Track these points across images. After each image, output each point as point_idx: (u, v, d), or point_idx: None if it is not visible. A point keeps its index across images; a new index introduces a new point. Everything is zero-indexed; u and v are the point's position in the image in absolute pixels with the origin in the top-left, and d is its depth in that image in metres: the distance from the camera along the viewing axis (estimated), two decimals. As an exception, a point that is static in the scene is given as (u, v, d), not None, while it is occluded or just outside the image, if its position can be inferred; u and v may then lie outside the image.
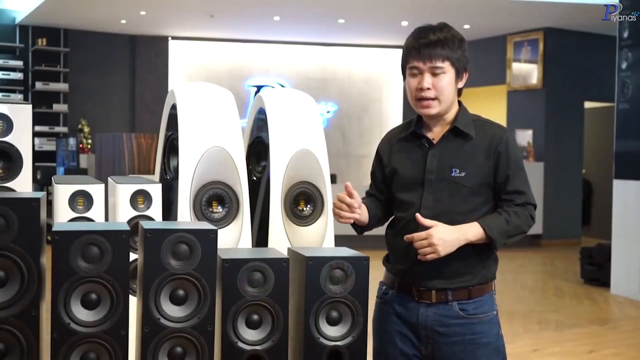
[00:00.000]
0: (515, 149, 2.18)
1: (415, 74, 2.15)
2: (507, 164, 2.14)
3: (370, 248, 2.26)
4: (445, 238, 2.04)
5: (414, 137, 2.23)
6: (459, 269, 2.13)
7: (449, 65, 2.13)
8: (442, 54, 2.12)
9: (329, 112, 12.89)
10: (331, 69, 12.91)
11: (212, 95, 2.62)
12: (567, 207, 10.57)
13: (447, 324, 2.13)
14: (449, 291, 2.13)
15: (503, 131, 2.19)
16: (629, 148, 7.16)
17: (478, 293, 2.15)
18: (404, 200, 2.19)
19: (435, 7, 9.49)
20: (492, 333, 2.17)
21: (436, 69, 2.12)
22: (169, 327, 1.88)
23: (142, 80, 12.13)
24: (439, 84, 2.13)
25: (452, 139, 2.17)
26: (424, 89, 2.13)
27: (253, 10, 10.18)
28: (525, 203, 2.15)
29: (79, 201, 2.36)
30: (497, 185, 2.16)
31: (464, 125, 2.17)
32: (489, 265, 2.19)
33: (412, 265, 2.15)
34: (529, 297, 7.05)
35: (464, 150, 2.15)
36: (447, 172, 2.14)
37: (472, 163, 2.14)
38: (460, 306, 2.13)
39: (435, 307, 2.14)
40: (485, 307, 2.16)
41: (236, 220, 2.49)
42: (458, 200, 2.12)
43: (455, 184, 2.13)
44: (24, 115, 2.29)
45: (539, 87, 10.54)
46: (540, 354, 5.06)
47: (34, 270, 1.78)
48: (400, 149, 2.25)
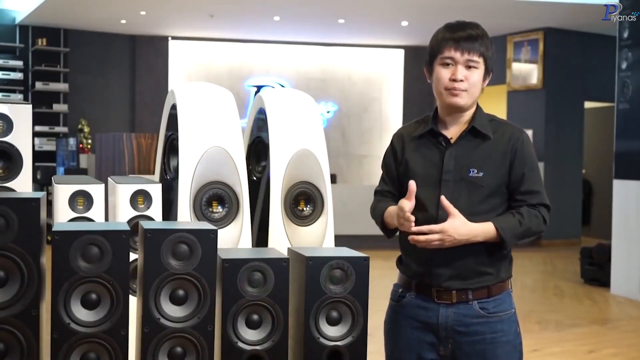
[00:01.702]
0: (531, 149, 2.19)
1: (448, 64, 2.14)
2: (522, 163, 2.15)
3: (370, 248, 2.26)
4: (456, 237, 2.05)
5: (430, 135, 2.21)
6: (479, 269, 2.12)
7: (482, 61, 2.14)
8: (479, 49, 2.13)
9: (329, 112, 12.89)
10: (331, 69, 12.91)
11: (212, 95, 2.62)
12: (567, 207, 10.57)
13: (467, 323, 2.13)
14: (469, 291, 2.13)
15: (520, 132, 2.19)
16: (629, 148, 7.16)
17: (497, 291, 2.16)
18: (419, 199, 2.14)
19: (435, 7, 9.49)
20: (511, 331, 2.17)
21: (471, 62, 2.13)
22: (169, 327, 1.88)
23: (142, 80, 12.13)
24: (471, 77, 2.13)
25: (470, 138, 2.17)
26: (457, 80, 2.12)
27: (253, 10, 10.18)
28: (538, 204, 2.15)
29: (79, 201, 2.36)
30: (512, 184, 2.15)
31: (481, 125, 2.17)
32: (506, 263, 2.19)
33: (431, 267, 2.13)
34: (529, 297, 7.05)
35: (481, 150, 2.15)
36: (464, 172, 2.13)
37: (489, 163, 2.13)
38: (480, 305, 2.13)
39: (456, 307, 2.13)
40: (504, 305, 2.17)
41: (236, 220, 2.49)
42: (476, 201, 2.12)
43: (474, 184, 2.12)
44: (24, 115, 2.29)
45: (539, 87, 10.54)
46: (540, 354, 5.06)
47: (34, 270, 1.78)
48: (416, 147, 2.22)
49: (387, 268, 6.38)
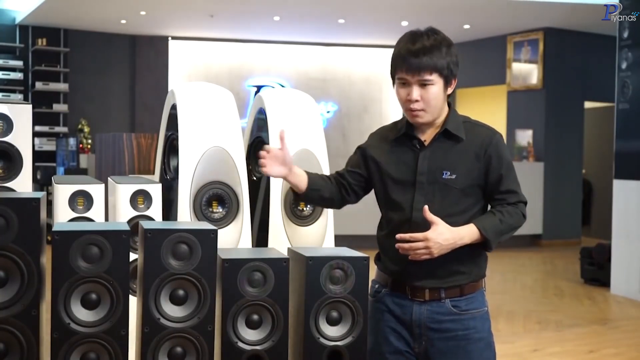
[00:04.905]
0: (505, 149, 2.22)
1: (403, 83, 2.17)
2: (499, 165, 2.18)
3: (370, 248, 2.25)
4: (442, 242, 2.07)
5: (404, 138, 2.25)
6: (453, 269, 2.16)
7: (437, 76, 2.13)
8: (430, 65, 2.11)
9: (329, 112, 12.90)
10: (331, 69, 12.91)
11: (212, 95, 2.63)
12: (567, 207, 10.57)
13: (440, 320, 2.17)
14: (442, 290, 2.17)
15: (493, 133, 2.22)
16: (629, 148, 7.16)
17: (470, 290, 2.20)
18: (395, 201, 2.21)
19: (435, 7, 9.49)
20: (484, 328, 2.21)
21: (424, 82, 2.13)
22: (169, 327, 1.88)
23: (142, 80, 12.13)
24: (426, 95, 2.14)
25: (443, 140, 2.20)
26: (412, 101, 2.15)
27: (253, 10, 10.18)
28: (517, 202, 2.19)
29: (79, 201, 2.36)
30: (490, 186, 2.19)
31: (454, 127, 2.19)
32: (480, 263, 2.23)
33: (405, 266, 2.17)
34: (529, 297, 7.05)
35: (454, 152, 2.18)
36: (438, 174, 2.16)
37: (462, 165, 2.17)
38: (452, 303, 2.17)
39: (429, 305, 2.17)
40: (476, 304, 2.20)
41: (236, 220, 2.49)
42: (449, 202, 2.15)
43: (446, 186, 2.15)
44: (24, 115, 2.29)
45: (539, 87, 10.54)
46: (540, 354, 5.06)
47: (34, 270, 1.78)
48: (391, 149, 2.27)
49: (387, 268, 6.38)
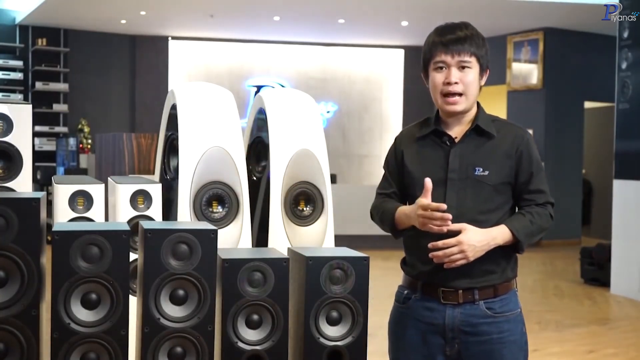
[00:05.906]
0: (535, 149, 2.21)
1: (441, 67, 2.15)
2: (529, 164, 2.16)
3: (370, 248, 2.25)
4: (476, 244, 2.05)
5: (434, 135, 2.21)
6: (485, 268, 2.12)
7: (475, 61, 2.14)
8: (470, 49, 2.13)
9: (329, 112, 12.90)
10: (331, 69, 12.91)
11: (212, 95, 2.63)
12: (567, 207, 10.56)
13: (474, 323, 2.13)
14: (475, 290, 2.13)
15: (524, 132, 2.21)
16: (629, 148, 7.16)
17: (503, 291, 2.16)
18: None
19: (435, 7, 9.49)
20: (517, 331, 2.18)
21: (463, 63, 2.13)
22: (169, 327, 1.88)
23: (142, 80, 12.13)
24: (465, 78, 2.13)
25: (474, 137, 2.17)
26: (451, 83, 2.12)
27: (253, 10, 10.18)
28: (546, 202, 2.19)
29: (79, 201, 2.36)
30: (519, 185, 2.17)
31: (485, 124, 2.18)
32: (512, 263, 2.20)
33: (437, 265, 2.11)
34: (529, 297, 7.05)
35: (485, 148, 2.16)
36: (470, 170, 2.13)
37: (494, 162, 2.14)
38: (487, 305, 2.13)
39: (462, 308, 2.13)
40: (511, 305, 2.17)
41: (236, 220, 2.49)
42: (482, 199, 2.12)
43: (479, 182, 2.12)
44: (24, 115, 2.29)
45: (539, 87, 10.54)
46: (540, 354, 5.06)
47: (34, 270, 1.78)
48: (420, 147, 2.22)
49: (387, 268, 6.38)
